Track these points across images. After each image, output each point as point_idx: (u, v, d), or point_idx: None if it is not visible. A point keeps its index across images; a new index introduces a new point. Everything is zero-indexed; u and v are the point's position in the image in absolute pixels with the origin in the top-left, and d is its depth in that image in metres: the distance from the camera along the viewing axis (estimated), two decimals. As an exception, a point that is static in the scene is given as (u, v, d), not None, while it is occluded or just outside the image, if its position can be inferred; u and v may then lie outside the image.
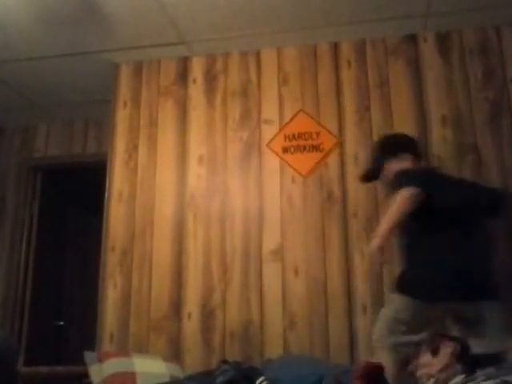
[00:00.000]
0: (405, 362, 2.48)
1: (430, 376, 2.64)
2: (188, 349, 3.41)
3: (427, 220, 2.67)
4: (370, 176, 3.13)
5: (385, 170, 2.97)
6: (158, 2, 3.31)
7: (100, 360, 2.95)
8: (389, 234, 2.59)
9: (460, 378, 2.27)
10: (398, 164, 2.88)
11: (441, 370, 2.56)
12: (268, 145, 3.68)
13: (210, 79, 3.88)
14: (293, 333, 3.32)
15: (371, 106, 3.62)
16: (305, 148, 3.62)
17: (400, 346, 2.60)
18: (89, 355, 3.04)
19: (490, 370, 2.31)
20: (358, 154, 3.55)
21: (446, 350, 2.83)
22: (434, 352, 2.84)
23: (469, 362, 2.58)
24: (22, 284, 4.66)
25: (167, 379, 2.89)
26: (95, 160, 4.65)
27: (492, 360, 2.65)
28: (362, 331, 3.26)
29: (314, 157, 3.59)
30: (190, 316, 3.46)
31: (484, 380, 2.09)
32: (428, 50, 3.65)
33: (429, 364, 2.80)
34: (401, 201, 2.60)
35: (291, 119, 3.70)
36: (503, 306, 2.64)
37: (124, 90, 3.99)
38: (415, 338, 2.52)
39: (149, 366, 2.98)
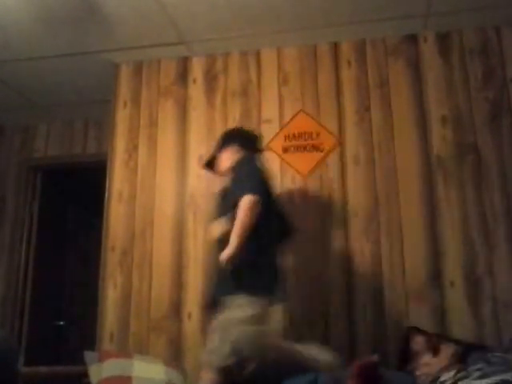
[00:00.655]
0: None
1: (429, 375, 2.66)
2: (188, 348, 3.42)
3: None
4: (209, 164, 3.24)
5: (218, 159, 3.12)
6: (158, 2, 3.32)
7: (100, 359, 2.96)
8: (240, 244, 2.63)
9: (452, 372, 2.29)
10: (229, 155, 3.03)
11: (441, 370, 2.58)
12: (268, 145, 3.68)
13: (210, 79, 3.88)
14: (293, 332, 3.32)
15: (371, 106, 3.63)
16: (305, 148, 3.63)
17: None
18: (89, 355, 3.04)
19: (482, 365, 2.33)
20: (358, 153, 3.56)
21: (447, 350, 2.85)
22: (435, 352, 2.87)
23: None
24: (22, 284, 4.67)
25: None
26: (95, 160, 4.67)
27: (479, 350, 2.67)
28: (362, 330, 3.28)
29: (314, 157, 3.60)
30: (190, 316, 3.47)
31: (479, 378, 2.10)
32: (428, 50, 3.66)
33: (429, 364, 2.83)
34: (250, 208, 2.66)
35: (291, 119, 3.70)
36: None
37: (124, 90, 4.00)
38: None
39: (147, 370, 2.97)
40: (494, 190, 3.36)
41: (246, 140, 3.10)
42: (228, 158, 3.02)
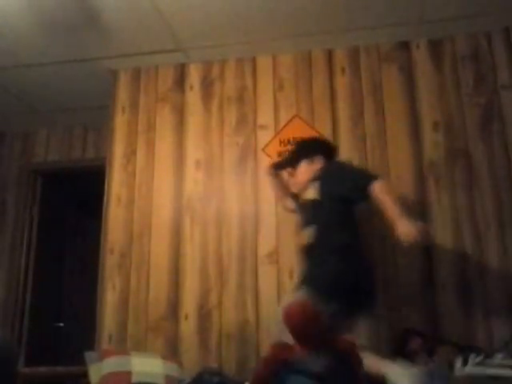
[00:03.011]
0: None
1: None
2: (185, 349, 3.45)
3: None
4: (282, 166, 3.27)
5: (295, 170, 3.10)
6: (156, 9, 3.36)
7: (100, 359, 2.98)
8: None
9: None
10: (311, 166, 3.04)
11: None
12: (263, 149, 3.73)
13: (207, 85, 3.93)
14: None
15: (365, 112, 3.67)
16: (300, 153, 3.67)
17: None
18: (89, 355, 3.06)
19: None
20: (351, 158, 3.58)
21: (443, 351, 2.89)
22: (431, 353, 2.90)
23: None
24: (22, 286, 4.70)
25: (162, 379, 2.91)
26: (94, 164, 4.70)
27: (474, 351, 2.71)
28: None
29: (309, 161, 3.64)
30: (187, 317, 3.51)
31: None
32: (420, 57, 3.70)
33: (424, 364, 2.86)
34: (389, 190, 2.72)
35: (286, 124, 3.74)
36: None
37: (122, 96, 4.04)
38: None
39: (146, 364, 2.98)
40: (485, 194, 3.39)
41: (329, 150, 3.16)
42: (308, 170, 3.04)
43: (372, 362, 2.39)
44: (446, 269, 3.32)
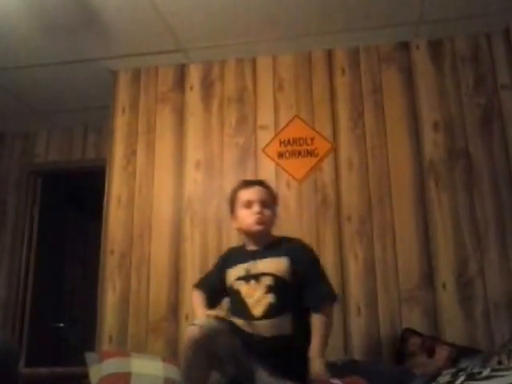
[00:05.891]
0: None
1: (424, 376, 2.69)
2: (185, 350, 3.46)
3: None
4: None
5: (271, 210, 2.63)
6: (156, 10, 3.36)
7: (100, 360, 2.98)
8: None
9: (447, 376, 2.33)
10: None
11: (436, 371, 2.60)
12: (263, 150, 3.73)
13: (207, 86, 3.93)
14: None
15: (365, 112, 3.68)
16: (300, 153, 3.68)
17: None
18: (90, 356, 3.06)
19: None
20: (351, 158, 3.60)
21: (442, 353, 2.89)
22: (430, 354, 2.91)
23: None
24: (22, 287, 4.70)
25: (161, 381, 2.89)
26: (94, 165, 4.70)
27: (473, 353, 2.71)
28: (356, 332, 3.32)
29: (309, 162, 3.65)
30: (187, 317, 3.49)
31: (486, 379, 2.13)
32: (420, 57, 3.71)
33: (424, 364, 2.87)
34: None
35: (286, 125, 3.75)
36: None
37: (122, 97, 4.05)
38: None
39: (145, 366, 2.97)
40: (485, 193, 3.40)
41: None
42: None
43: None
44: (446, 269, 3.32)
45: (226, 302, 2.66)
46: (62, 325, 5.19)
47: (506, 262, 3.28)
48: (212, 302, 2.68)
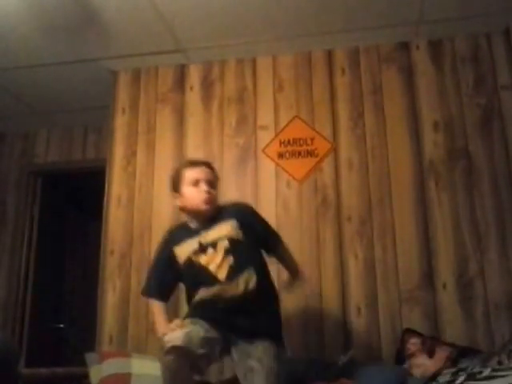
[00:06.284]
0: None
1: (424, 376, 2.69)
2: (185, 350, 3.46)
3: None
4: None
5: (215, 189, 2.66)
6: (156, 10, 3.36)
7: (100, 360, 2.98)
8: None
9: (447, 375, 2.33)
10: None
11: (435, 372, 2.60)
12: (264, 150, 3.73)
13: (207, 86, 3.93)
14: (289, 333, 3.35)
15: (365, 112, 3.68)
16: (300, 153, 3.68)
17: None
18: (90, 356, 3.06)
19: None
20: (352, 158, 3.61)
21: (442, 353, 2.89)
22: (430, 354, 2.91)
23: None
24: (22, 287, 4.70)
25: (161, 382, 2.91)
26: (94, 165, 4.70)
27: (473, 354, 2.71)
28: (356, 332, 3.32)
29: (309, 162, 3.65)
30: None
31: (486, 379, 2.13)
32: (420, 58, 3.71)
33: (424, 365, 2.87)
34: None
35: (286, 125, 3.75)
36: None
37: (122, 97, 4.05)
38: None
39: (146, 367, 2.97)
40: (485, 193, 3.41)
41: None
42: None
43: None
44: (446, 269, 3.32)
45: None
46: (62, 325, 5.20)
47: (506, 262, 3.28)
48: (167, 298, 2.69)
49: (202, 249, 2.51)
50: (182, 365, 2.25)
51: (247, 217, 2.64)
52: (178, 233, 2.67)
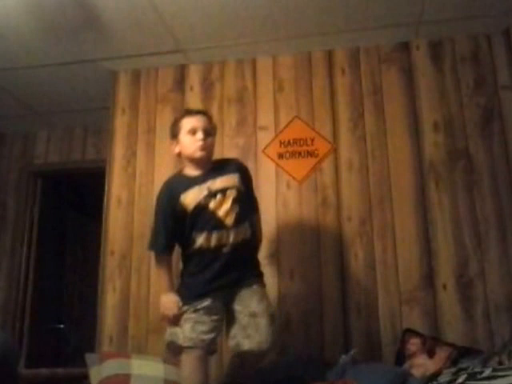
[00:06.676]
0: None
1: (424, 376, 2.69)
2: (185, 350, 3.46)
3: None
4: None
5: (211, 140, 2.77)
6: (156, 11, 3.36)
7: (100, 361, 2.98)
8: None
9: (448, 375, 2.33)
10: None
11: (435, 372, 2.61)
12: (264, 151, 3.73)
13: (207, 86, 3.93)
14: (289, 332, 3.37)
15: (365, 113, 3.68)
16: (300, 154, 3.68)
17: None
18: (90, 357, 3.06)
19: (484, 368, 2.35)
20: (352, 159, 3.61)
21: (442, 353, 2.89)
22: (430, 354, 2.91)
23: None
24: (22, 287, 4.71)
25: (162, 382, 2.90)
26: (94, 166, 4.70)
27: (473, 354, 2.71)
28: (356, 332, 3.32)
29: (309, 162, 3.65)
30: (187, 318, 3.51)
31: (488, 379, 2.13)
32: (420, 58, 3.71)
33: (424, 365, 2.87)
34: None
35: (286, 125, 3.75)
36: None
37: (122, 98, 4.05)
38: None
39: (146, 368, 2.96)
40: (485, 194, 3.41)
41: None
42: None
43: None
44: (446, 269, 3.33)
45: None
46: (62, 326, 5.20)
47: (507, 263, 3.28)
48: (173, 251, 2.77)
49: (212, 195, 2.63)
50: (198, 359, 2.52)
51: (246, 176, 2.83)
52: (179, 182, 2.74)
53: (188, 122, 2.73)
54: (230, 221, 2.61)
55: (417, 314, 3.29)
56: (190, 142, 2.69)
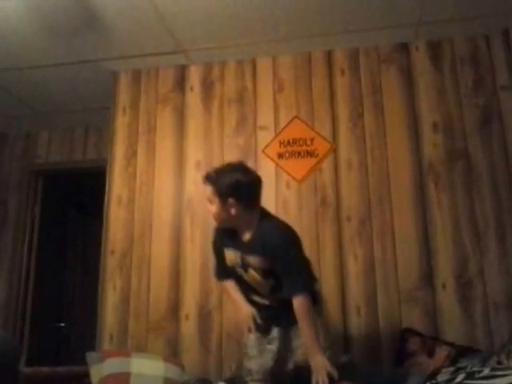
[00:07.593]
0: None
1: (423, 375, 2.70)
2: (185, 349, 3.47)
3: None
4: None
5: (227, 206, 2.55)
6: (157, 11, 3.37)
7: (101, 360, 2.98)
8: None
9: (447, 374, 2.34)
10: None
11: (435, 371, 2.62)
12: (263, 151, 3.74)
13: (207, 87, 3.95)
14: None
15: (364, 113, 3.68)
16: (299, 154, 3.69)
17: None
18: (90, 355, 3.07)
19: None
20: (351, 159, 3.61)
21: (442, 353, 2.90)
22: (430, 354, 2.92)
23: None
24: (23, 286, 4.73)
25: (161, 381, 2.91)
26: (95, 166, 4.71)
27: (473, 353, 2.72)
28: (356, 332, 3.33)
29: (309, 162, 3.66)
30: (187, 317, 3.53)
31: (487, 378, 2.14)
32: (420, 58, 3.72)
33: (423, 364, 2.88)
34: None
35: (286, 125, 3.76)
36: None
37: (123, 98, 4.06)
38: None
39: (146, 366, 2.98)
40: (484, 194, 3.41)
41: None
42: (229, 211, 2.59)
43: None
44: (445, 268, 3.33)
45: None
46: (62, 324, 5.21)
47: (506, 262, 3.29)
48: (227, 278, 2.83)
49: (244, 266, 2.62)
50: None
51: (275, 254, 2.54)
52: (227, 235, 2.71)
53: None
54: (263, 291, 2.65)
55: (416, 313, 3.29)
56: None
